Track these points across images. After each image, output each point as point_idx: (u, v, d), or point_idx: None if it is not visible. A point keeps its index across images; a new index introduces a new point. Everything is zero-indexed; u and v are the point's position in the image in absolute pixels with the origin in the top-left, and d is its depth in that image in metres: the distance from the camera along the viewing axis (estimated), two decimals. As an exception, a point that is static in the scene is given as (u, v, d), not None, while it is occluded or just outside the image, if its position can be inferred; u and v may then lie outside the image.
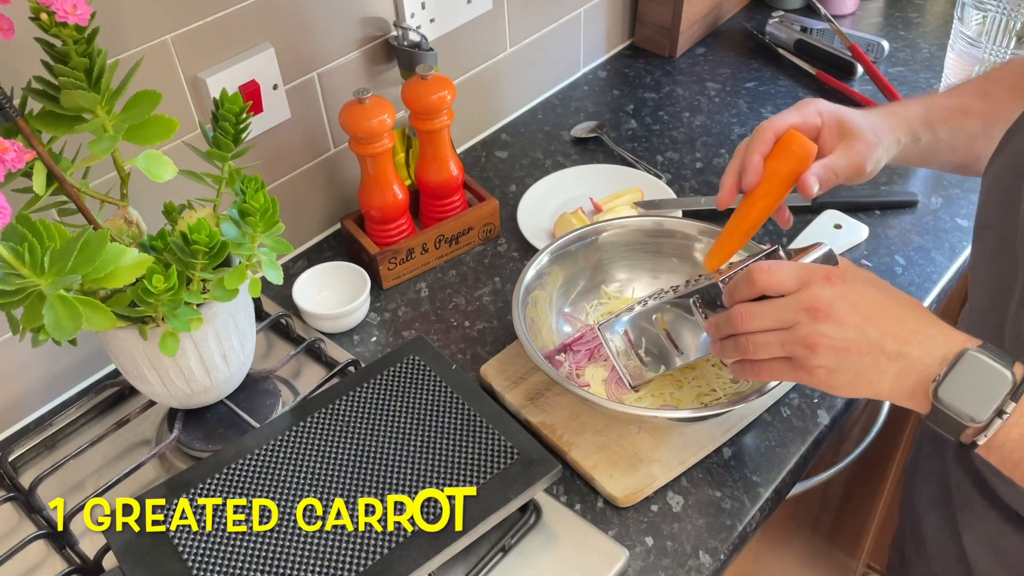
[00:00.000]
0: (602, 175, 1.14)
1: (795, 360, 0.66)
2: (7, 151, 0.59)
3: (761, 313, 0.68)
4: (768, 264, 0.68)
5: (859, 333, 0.64)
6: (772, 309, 0.67)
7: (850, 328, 0.64)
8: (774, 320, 0.67)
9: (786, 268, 0.67)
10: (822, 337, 0.64)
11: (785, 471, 0.82)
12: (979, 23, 1.06)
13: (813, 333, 0.64)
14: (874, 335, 0.63)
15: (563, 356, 0.88)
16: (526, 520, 0.77)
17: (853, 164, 0.76)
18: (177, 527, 0.70)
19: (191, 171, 0.76)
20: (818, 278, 0.66)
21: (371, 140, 0.94)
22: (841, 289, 0.65)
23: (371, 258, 1.00)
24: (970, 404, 0.60)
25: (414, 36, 1.03)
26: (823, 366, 0.65)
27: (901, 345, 0.63)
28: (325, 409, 0.78)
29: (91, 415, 0.90)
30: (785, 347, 0.67)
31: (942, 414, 0.61)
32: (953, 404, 0.61)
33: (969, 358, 0.61)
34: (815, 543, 1.29)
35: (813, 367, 0.66)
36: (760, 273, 0.67)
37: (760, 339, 0.68)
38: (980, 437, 0.61)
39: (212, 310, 0.74)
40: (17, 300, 0.62)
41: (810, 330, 0.65)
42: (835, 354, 0.64)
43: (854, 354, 0.64)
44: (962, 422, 0.61)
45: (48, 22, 0.62)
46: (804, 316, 0.65)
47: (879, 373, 0.64)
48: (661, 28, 1.39)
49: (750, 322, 0.68)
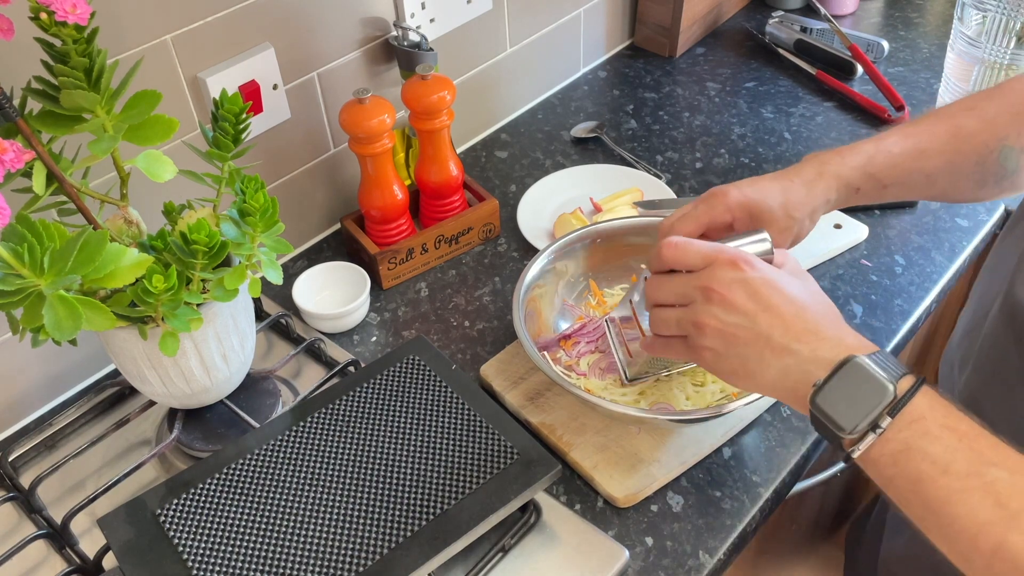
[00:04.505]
0: (602, 175, 1.14)
1: (688, 339, 0.66)
2: (6, 151, 0.59)
3: (663, 287, 0.67)
4: (679, 240, 0.67)
5: (748, 321, 0.62)
6: (673, 284, 0.67)
7: (740, 314, 0.62)
8: (673, 295, 0.66)
9: (695, 246, 0.66)
10: (711, 318, 0.63)
11: (785, 471, 0.82)
12: (979, 23, 1.06)
13: (703, 313, 0.64)
14: (763, 326, 0.62)
15: (562, 352, 0.88)
16: (526, 520, 0.77)
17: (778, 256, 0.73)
18: (177, 527, 0.70)
19: (191, 171, 0.76)
20: (724, 260, 0.64)
21: (371, 140, 0.94)
22: (745, 275, 0.63)
23: (371, 258, 1.00)
24: (844, 414, 0.58)
25: (414, 36, 1.03)
26: (710, 348, 0.64)
27: (789, 341, 0.61)
28: (325, 409, 0.78)
29: (91, 415, 0.90)
30: (680, 324, 0.66)
31: (819, 421, 0.59)
32: (828, 412, 0.58)
33: (853, 366, 0.58)
34: (815, 543, 1.29)
35: (701, 348, 0.65)
36: (668, 247, 0.67)
37: (661, 313, 0.68)
38: (855, 449, 0.58)
39: (212, 310, 0.74)
40: (17, 300, 0.62)
41: (702, 310, 0.64)
42: (721, 338, 0.63)
43: (740, 342, 0.63)
44: (837, 433, 0.58)
45: (48, 22, 0.62)
46: (699, 295, 0.64)
47: (762, 366, 0.62)
48: (661, 28, 1.39)
49: (653, 293, 0.68)
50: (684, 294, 0.66)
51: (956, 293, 1.25)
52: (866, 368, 0.58)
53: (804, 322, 0.62)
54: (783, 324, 0.62)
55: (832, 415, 0.58)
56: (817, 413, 0.59)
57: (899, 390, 0.57)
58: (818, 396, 0.59)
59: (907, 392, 0.57)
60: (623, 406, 0.79)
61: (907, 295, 0.98)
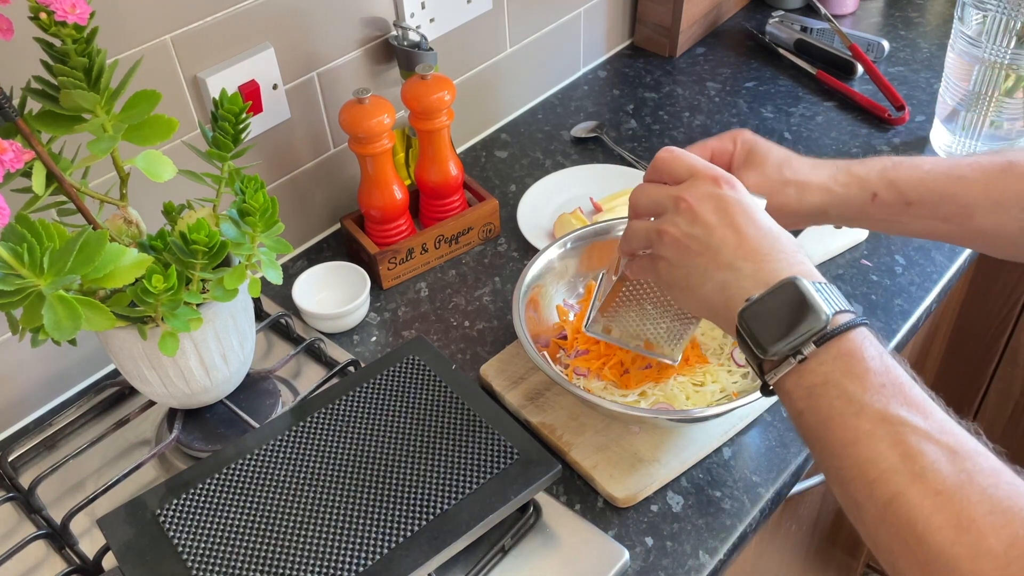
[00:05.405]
0: (602, 175, 1.14)
1: (652, 250, 0.65)
2: (6, 151, 0.59)
3: (644, 193, 0.67)
4: (674, 150, 0.66)
5: (706, 234, 0.61)
6: (652, 191, 0.66)
7: (700, 227, 0.61)
8: (650, 201, 0.66)
9: (687, 158, 0.65)
10: (673, 227, 0.62)
11: (786, 471, 0.82)
12: (979, 23, 1.06)
13: (668, 222, 0.63)
14: (716, 240, 0.60)
15: (562, 352, 0.88)
16: (526, 520, 0.77)
17: None
18: (177, 527, 0.70)
19: (191, 171, 0.76)
20: (706, 175, 0.63)
21: (371, 140, 0.94)
22: (720, 192, 0.62)
23: (371, 258, 1.00)
24: (768, 333, 0.55)
25: (414, 36, 1.03)
26: (665, 258, 0.64)
27: (736, 258, 0.59)
28: (325, 409, 0.78)
29: (91, 415, 0.90)
30: (647, 235, 0.65)
31: (742, 338, 0.57)
32: (753, 328, 0.56)
33: (788, 285, 0.56)
34: (815, 543, 1.29)
35: (658, 257, 0.64)
36: (662, 154, 0.66)
37: (633, 225, 0.67)
38: (771, 375, 0.56)
39: (212, 310, 0.74)
40: (16, 300, 0.62)
41: (668, 219, 0.63)
42: (676, 248, 0.62)
43: (692, 253, 0.61)
44: (756, 352, 0.56)
45: (47, 21, 0.62)
46: (671, 204, 0.63)
47: (703, 279, 0.61)
48: (661, 28, 1.39)
49: (635, 200, 0.67)
50: (659, 202, 0.65)
51: (956, 293, 1.25)
52: (802, 291, 0.55)
53: (759, 245, 0.60)
54: (737, 242, 0.60)
55: (756, 331, 0.56)
56: (742, 328, 0.57)
57: (832, 323, 0.55)
58: (747, 311, 0.57)
59: (840, 326, 0.55)
60: (623, 406, 0.79)
61: (907, 295, 0.98)
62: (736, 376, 0.85)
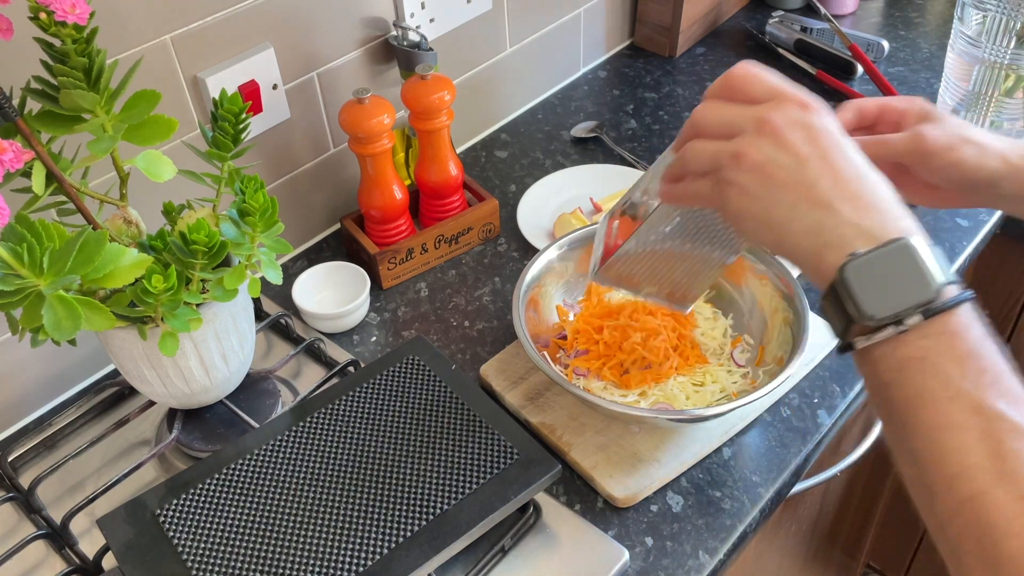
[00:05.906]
0: (602, 175, 1.14)
1: (719, 174, 0.57)
2: (6, 151, 0.59)
3: (714, 110, 0.58)
4: (752, 67, 0.58)
5: (796, 163, 0.54)
6: (725, 109, 0.58)
7: (789, 155, 0.54)
8: (721, 121, 0.58)
9: (767, 76, 0.58)
10: (756, 151, 0.55)
11: (785, 471, 0.82)
12: (979, 23, 1.06)
13: (749, 144, 0.55)
14: (811, 173, 0.53)
15: (562, 352, 0.88)
16: (526, 520, 0.77)
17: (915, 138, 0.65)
18: (177, 527, 0.70)
19: (191, 171, 0.76)
20: (793, 100, 0.56)
21: (371, 140, 0.94)
22: (811, 119, 0.55)
23: (371, 258, 1.00)
24: (871, 297, 0.50)
25: (414, 36, 1.03)
26: (738, 184, 0.56)
27: (835, 197, 0.53)
28: (325, 409, 0.78)
29: (91, 415, 0.90)
30: (715, 157, 0.57)
31: (837, 297, 0.51)
32: (855, 289, 0.50)
33: (905, 247, 0.50)
34: (815, 543, 1.29)
35: (729, 182, 0.56)
36: (738, 69, 0.58)
37: (698, 145, 0.59)
38: (861, 340, 0.51)
39: (212, 310, 0.74)
40: (16, 300, 0.62)
41: (749, 141, 0.55)
42: (757, 175, 0.55)
43: (777, 183, 0.54)
44: (852, 315, 0.51)
45: (47, 21, 0.62)
46: (752, 126, 0.56)
47: (791, 216, 0.54)
48: (661, 28, 1.39)
49: (701, 117, 0.59)
50: (733, 123, 0.57)
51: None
52: (918, 256, 0.50)
53: (859, 189, 0.53)
54: (834, 177, 0.53)
55: (857, 292, 0.50)
56: (840, 287, 0.51)
57: (942, 295, 0.50)
58: (849, 267, 0.51)
59: (950, 300, 0.50)
60: (623, 406, 0.79)
61: (907, 295, 0.98)
62: (736, 376, 0.85)
